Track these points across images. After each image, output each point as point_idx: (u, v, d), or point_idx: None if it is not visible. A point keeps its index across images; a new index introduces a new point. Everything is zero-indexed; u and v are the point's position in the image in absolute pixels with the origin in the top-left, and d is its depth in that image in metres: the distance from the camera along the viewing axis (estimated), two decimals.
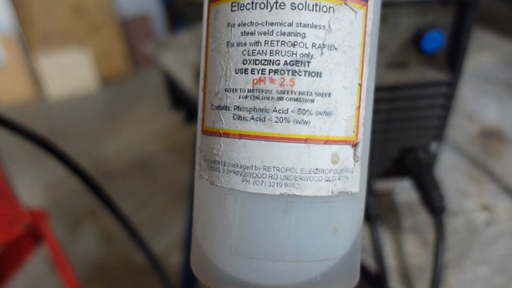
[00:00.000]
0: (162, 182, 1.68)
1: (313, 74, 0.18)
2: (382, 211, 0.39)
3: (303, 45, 0.18)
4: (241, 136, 0.19)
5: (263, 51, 0.19)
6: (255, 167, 0.19)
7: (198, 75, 0.70)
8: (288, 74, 0.18)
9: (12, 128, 0.35)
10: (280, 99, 0.18)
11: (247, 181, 0.19)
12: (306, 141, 0.19)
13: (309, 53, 0.18)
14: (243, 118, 0.19)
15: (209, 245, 0.21)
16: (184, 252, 0.94)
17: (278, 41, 0.18)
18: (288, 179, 0.19)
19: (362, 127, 0.20)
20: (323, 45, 0.19)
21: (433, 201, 0.35)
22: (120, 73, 2.96)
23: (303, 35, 0.18)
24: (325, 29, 0.18)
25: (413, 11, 0.32)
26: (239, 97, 0.19)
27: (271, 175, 0.19)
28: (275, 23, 0.18)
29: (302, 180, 0.19)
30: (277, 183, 0.19)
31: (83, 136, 2.14)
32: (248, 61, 0.19)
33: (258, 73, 0.19)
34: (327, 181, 0.19)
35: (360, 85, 0.20)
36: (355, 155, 0.20)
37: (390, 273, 0.36)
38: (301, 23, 0.18)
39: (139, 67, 3.05)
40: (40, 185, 1.73)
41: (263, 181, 0.19)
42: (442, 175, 0.46)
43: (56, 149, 0.37)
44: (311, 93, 0.19)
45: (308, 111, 0.19)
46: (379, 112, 0.35)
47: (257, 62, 0.19)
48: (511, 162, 0.48)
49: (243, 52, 0.19)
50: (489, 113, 0.56)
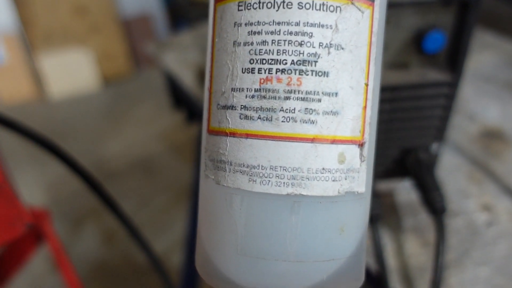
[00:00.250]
0: (163, 181, 1.68)
1: (320, 73, 0.18)
2: (382, 211, 0.39)
3: (310, 45, 0.18)
4: (248, 135, 0.19)
5: (270, 50, 0.19)
6: (262, 166, 0.19)
7: (199, 75, 0.70)
8: (295, 73, 0.18)
9: (13, 128, 0.35)
10: (287, 98, 0.18)
11: (254, 181, 0.19)
12: (313, 140, 0.19)
13: (316, 52, 0.18)
14: (249, 117, 0.19)
15: (215, 245, 0.21)
16: (185, 251, 0.94)
17: (285, 41, 0.18)
18: (294, 179, 0.19)
19: (368, 127, 0.20)
20: (330, 44, 0.19)
21: (433, 201, 0.35)
22: (121, 73, 2.96)
23: (310, 34, 0.18)
24: (332, 28, 0.18)
25: (414, 12, 0.32)
26: (246, 97, 0.19)
27: (277, 175, 0.19)
28: (282, 22, 0.18)
29: (308, 180, 0.19)
30: (284, 183, 0.19)
31: (84, 135, 2.14)
32: (255, 61, 0.19)
33: (265, 73, 0.19)
34: (333, 181, 0.19)
35: (366, 85, 0.20)
36: (361, 155, 0.20)
37: (390, 273, 0.36)
38: (308, 23, 0.18)
39: (140, 67, 3.05)
40: (41, 185, 1.73)
41: (269, 181, 0.19)
42: (442, 175, 0.46)
43: (57, 149, 0.37)
44: (318, 92, 0.19)
45: (315, 110, 0.19)
46: (380, 112, 0.35)
47: (264, 61, 0.19)
48: (511, 162, 0.48)
49: (250, 51, 0.19)
50: (490, 113, 0.56)
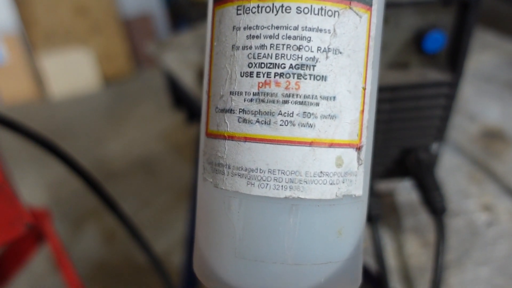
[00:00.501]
0: (163, 182, 1.68)
1: (318, 77, 0.19)
2: (383, 212, 0.39)
3: (309, 49, 0.18)
4: (246, 139, 0.19)
5: (268, 54, 0.19)
6: (260, 170, 0.19)
7: (200, 75, 0.70)
8: (293, 77, 0.18)
9: (14, 128, 0.35)
10: (285, 102, 0.19)
11: (252, 184, 0.19)
12: (311, 144, 0.19)
13: (314, 56, 0.18)
14: (248, 121, 0.19)
15: (213, 248, 0.21)
16: (185, 252, 0.94)
17: (283, 45, 0.18)
18: (293, 182, 0.19)
19: (365, 130, 0.20)
20: (328, 49, 0.19)
21: (434, 201, 0.35)
22: (122, 73, 2.96)
23: (309, 39, 0.18)
24: (330, 33, 0.19)
25: (414, 12, 0.32)
26: (244, 100, 0.19)
27: (276, 178, 0.19)
28: (281, 26, 0.18)
29: (306, 183, 0.19)
30: (282, 186, 0.19)
31: (85, 135, 2.14)
32: (253, 65, 0.19)
33: (263, 77, 0.19)
34: (331, 184, 0.19)
35: (364, 89, 0.20)
36: (359, 158, 0.20)
37: (390, 273, 0.36)
38: (306, 27, 0.18)
39: (141, 67, 3.05)
40: (42, 185, 1.73)
41: (268, 184, 0.19)
42: (443, 175, 0.46)
43: (57, 149, 0.37)
44: (316, 96, 0.19)
45: (313, 114, 0.19)
46: (380, 112, 0.35)
47: (263, 65, 0.19)
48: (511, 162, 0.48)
49: (248, 55, 0.19)
50: (490, 113, 0.56)
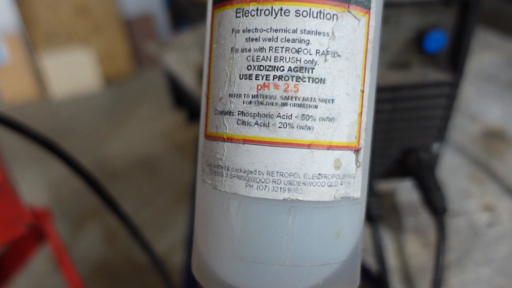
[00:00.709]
0: (164, 181, 1.68)
1: (317, 80, 0.19)
2: (383, 212, 0.39)
3: (307, 52, 0.18)
4: (245, 141, 0.19)
5: (267, 57, 0.19)
6: (259, 172, 0.19)
7: (200, 75, 0.70)
8: (292, 80, 0.19)
9: (15, 127, 0.35)
10: (284, 104, 0.19)
11: (251, 186, 0.19)
12: (309, 146, 0.19)
13: (313, 59, 0.19)
14: (247, 123, 0.19)
15: (211, 250, 0.21)
16: (186, 251, 0.94)
17: (282, 48, 0.19)
18: (291, 184, 0.19)
19: (364, 133, 0.20)
20: (327, 52, 0.19)
21: (434, 201, 0.35)
22: (123, 73, 2.96)
23: (307, 42, 0.18)
24: (329, 36, 0.19)
25: (415, 12, 0.32)
26: (243, 103, 0.19)
27: (274, 180, 0.19)
28: (280, 29, 0.18)
29: (305, 185, 0.19)
30: (281, 188, 0.19)
31: (86, 135, 2.15)
32: (252, 67, 0.19)
33: (262, 79, 0.19)
34: (329, 186, 0.19)
35: (362, 92, 0.20)
36: (357, 160, 0.20)
37: (391, 273, 0.36)
38: (305, 30, 0.18)
39: (142, 67, 3.05)
40: (43, 185, 1.73)
41: (266, 186, 0.19)
42: (444, 175, 0.46)
43: (58, 149, 0.38)
44: (315, 99, 0.19)
45: (311, 117, 0.19)
46: (381, 112, 0.35)
47: (262, 68, 0.19)
48: None
49: (247, 58, 0.19)
50: (491, 113, 0.56)
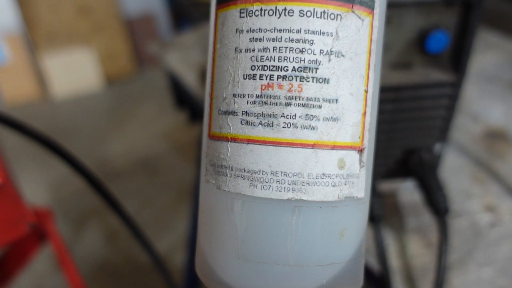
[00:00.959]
0: (165, 181, 1.68)
1: (321, 80, 0.19)
2: (385, 212, 0.39)
3: (311, 52, 0.19)
4: (249, 141, 0.19)
5: (271, 57, 0.19)
6: (263, 172, 0.19)
7: (202, 75, 0.70)
8: (296, 80, 0.19)
9: (16, 127, 0.35)
10: (288, 104, 0.19)
11: (255, 186, 0.19)
12: (313, 146, 0.19)
13: (317, 59, 0.19)
14: (251, 123, 0.19)
15: (215, 249, 0.21)
16: (187, 251, 0.94)
17: (286, 48, 0.19)
18: (295, 184, 0.19)
19: (367, 133, 0.20)
20: (331, 52, 0.19)
21: (436, 202, 0.35)
22: (124, 73, 2.96)
23: (311, 42, 0.18)
24: (332, 36, 0.19)
25: (417, 12, 0.32)
26: (247, 103, 0.19)
27: (278, 180, 0.19)
28: (284, 29, 0.19)
29: (309, 185, 0.19)
30: (285, 188, 0.19)
31: (87, 135, 2.15)
32: (256, 67, 0.19)
33: (266, 79, 0.19)
34: (333, 186, 0.19)
35: (366, 92, 0.20)
36: (360, 160, 0.20)
37: (393, 274, 0.36)
38: (309, 30, 0.18)
39: (143, 67, 3.05)
40: (44, 184, 1.74)
41: (270, 186, 0.19)
42: (446, 175, 0.46)
43: (60, 149, 0.38)
44: (319, 99, 0.19)
45: (315, 116, 0.19)
46: (383, 112, 0.35)
47: (266, 68, 0.19)
48: None
49: (251, 58, 0.19)
50: (493, 113, 0.56)
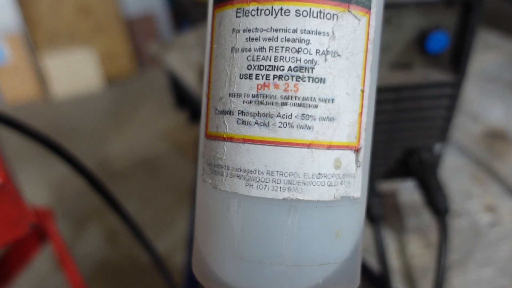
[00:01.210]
0: (166, 181, 1.68)
1: (317, 80, 0.19)
2: (385, 212, 0.39)
3: (307, 52, 0.19)
4: (245, 140, 0.19)
5: (267, 57, 0.19)
6: (259, 171, 0.19)
7: (202, 75, 0.70)
8: (292, 79, 0.19)
9: (17, 128, 0.35)
10: (284, 104, 0.19)
11: (251, 185, 0.19)
12: (309, 146, 0.19)
13: (313, 59, 0.19)
14: (247, 122, 0.19)
15: (211, 249, 0.21)
16: (187, 251, 0.94)
17: (282, 47, 0.19)
18: (291, 184, 0.19)
19: (364, 132, 0.20)
20: (327, 51, 0.19)
21: (436, 202, 0.35)
22: (125, 73, 2.96)
23: (307, 41, 0.18)
24: (329, 36, 0.19)
25: (417, 12, 0.32)
26: (243, 102, 0.19)
27: (274, 180, 0.19)
28: (280, 29, 0.19)
29: (305, 184, 0.19)
30: (280, 187, 0.19)
31: (88, 135, 2.15)
32: (252, 67, 0.19)
33: (262, 79, 0.19)
34: (329, 185, 0.19)
35: (362, 92, 0.20)
36: (357, 160, 0.20)
37: (393, 273, 0.36)
38: (305, 30, 0.18)
39: (144, 67, 3.05)
40: (45, 184, 1.74)
41: (266, 186, 0.19)
42: (446, 176, 0.46)
43: (61, 149, 0.38)
44: (315, 98, 0.19)
45: (311, 116, 0.19)
46: (383, 113, 0.35)
47: (262, 67, 0.19)
48: None
49: (247, 57, 0.19)
50: (493, 114, 0.56)
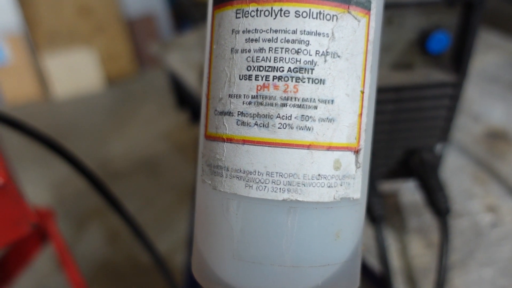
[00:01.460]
0: (167, 181, 1.68)
1: (317, 81, 0.19)
2: (386, 212, 0.39)
3: (307, 53, 0.18)
4: (245, 141, 0.19)
5: (267, 57, 0.19)
6: (258, 172, 0.19)
7: (202, 76, 0.70)
8: (292, 81, 0.19)
9: (18, 128, 0.35)
10: (283, 105, 0.19)
11: (250, 186, 0.19)
12: (309, 147, 0.19)
13: (312, 60, 0.19)
14: (246, 123, 0.19)
15: (211, 250, 0.21)
16: (188, 251, 0.94)
17: (282, 48, 0.19)
18: (290, 185, 0.19)
19: (364, 133, 0.20)
20: (327, 52, 0.19)
21: (438, 202, 0.35)
22: (125, 73, 2.97)
23: (307, 42, 0.18)
24: (328, 37, 0.19)
25: (418, 12, 0.32)
26: (243, 103, 0.19)
27: (274, 181, 0.19)
28: (280, 30, 0.18)
29: (304, 185, 0.19)
30: (280, 188, 0.19)
31: (88, 135, 2.15)
32: (252, 68, 0.19)
33: (262, 80, 0.19)
34: (329, 187, 0.19)
35: (362, 93, 0.20)
36: (356, 161, 0.20)
37: (394, 274, 0.36)
38: (305, 31, 0.18)
39: (144, 67, 3.05)
40: (46, 185, 1.74)
41: (266, 187, 0.19)
42: (447, 176, 0.46)
43: (62, 149, 0.38)
44: (315, 100, 0.19)
45: (311, 117, 0.19)
46: (384, 113, 0.35)
47: (261, 68, 0.19)
48: None
49: (247, 58, 0.19)
50: (494, 114, 0.56)
